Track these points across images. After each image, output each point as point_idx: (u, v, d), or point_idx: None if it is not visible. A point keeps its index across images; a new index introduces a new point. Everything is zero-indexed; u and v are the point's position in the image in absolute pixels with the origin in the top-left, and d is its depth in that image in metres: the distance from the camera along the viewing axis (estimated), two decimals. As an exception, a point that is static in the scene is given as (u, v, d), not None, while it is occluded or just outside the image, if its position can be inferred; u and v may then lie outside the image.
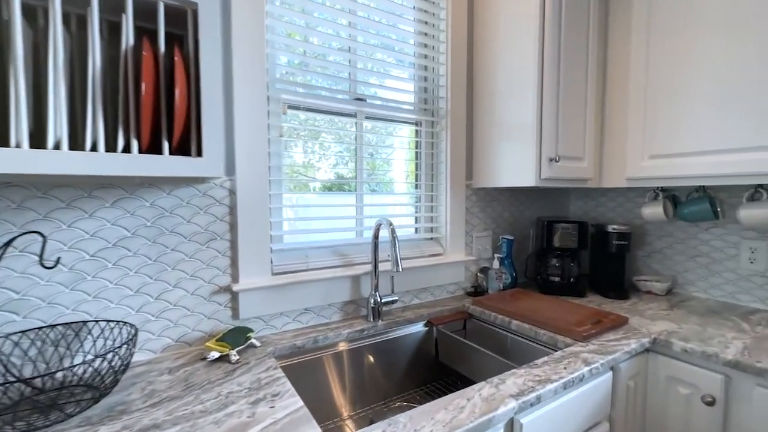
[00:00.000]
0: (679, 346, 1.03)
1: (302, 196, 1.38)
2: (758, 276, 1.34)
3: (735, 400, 0.96)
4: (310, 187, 1.33)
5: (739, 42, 1.12)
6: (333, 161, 1.41)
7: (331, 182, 1.38)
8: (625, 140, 1.41)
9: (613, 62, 1.45)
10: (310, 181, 1.33)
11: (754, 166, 1.11)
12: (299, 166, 1.33)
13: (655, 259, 1.62)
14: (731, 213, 1.38)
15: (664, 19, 1.29)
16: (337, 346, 1.14)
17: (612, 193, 1.77)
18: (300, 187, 1.31)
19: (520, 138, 1.34)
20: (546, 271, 1.58)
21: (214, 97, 0.74)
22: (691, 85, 1.23)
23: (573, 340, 1.06)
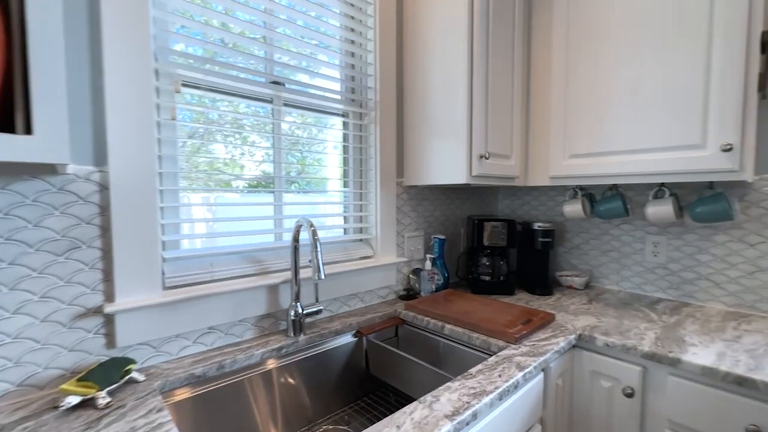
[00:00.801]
0: (602, 341, 1.05)
1: (224, 196, 1.17)
2: (660, 268, 1.45)
3: (651, 391, 0.99)
4: (233, 186, 1.14)
5: (645, 50, 1.19)
6: (260, 157, 1.22)
7: (249, 180, 1.20)
8: (548, 140, 1.44)
9: (536, 63, 1.47)
10: (233, 178, 1.14)
11: (658, 166, 1.18)
12: (220, 162, 1.13)
13: (573, 254, 1.70)
14: (638, 210, 1.49)
15: (581, 25, 1.33)
16: (249, 370, 0.97)
17: (535, 191, 1.82)
18: (222, 185, 1.11)
19: (451, 134, 1.29)
20: (477, 270, 1.56)
21: (53, 53, 0.54)
22: (605, 88, 1.28)
23: (506, 342, 1.02)
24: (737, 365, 0.87)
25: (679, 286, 1.41)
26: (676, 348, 0.97)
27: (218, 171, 1.14)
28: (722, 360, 0.90)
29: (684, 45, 1.12)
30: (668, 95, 1.15)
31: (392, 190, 1.43)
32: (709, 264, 1.34)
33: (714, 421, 0.88)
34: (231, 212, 1.19)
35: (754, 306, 1.26)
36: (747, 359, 0.90)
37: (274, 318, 1.11)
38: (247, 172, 1.18)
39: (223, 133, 1.13)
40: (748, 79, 1.02)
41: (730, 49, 1.04)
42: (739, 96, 1.03)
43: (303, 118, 1.31)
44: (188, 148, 1.07)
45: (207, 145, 1.11)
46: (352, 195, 1.40)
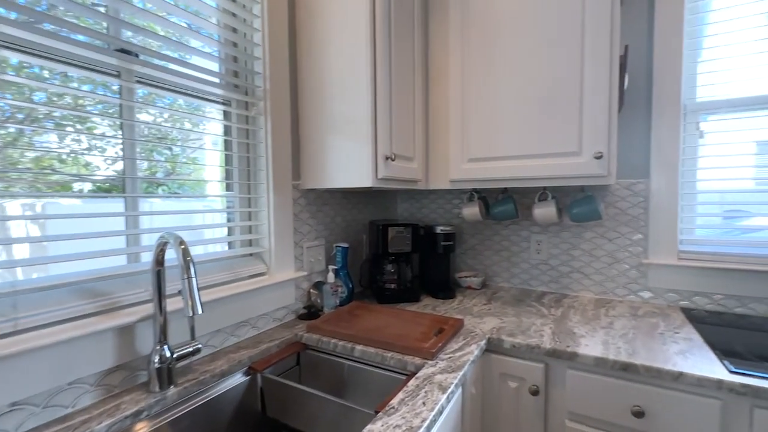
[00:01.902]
0: (509, 342, 1.06)
1: (60, 203, 0.81)
2: (543, 264, 1.59)
3: (553, 386, 1.04)
4: (76, 190, 0.79)
5: (531, 62, 1.27)
6: (116, 152, 0.89)
7: (99, 181, 0.86)
8: (448, 143, 1.44)
9: (434, 64, 1.46)
10: (73, 180, 0.79)
11: (543, 171, 1.27)
12: (52, 158, 0.78)
13: (470, 255, 1.76)
14: (525, 212, 1.61)
15: (475, 31, 1.36)
16: (85, 456, 0.67)
17: (434, 194, 1.84)
18: (57, 188, 0.75)
19: (354, 133, 1.17)
20: (382, 278, 1.47)
21: None
22: (497, 95, 1.33)
23: (423, 359, 0.94)
24: (620, 352, 0.96)
25: (557, 279, 1.56)
26: (571, 342, 1.03)
27: (76, 175, 0.79)
28: (608, 349, 0.98)
29: (561, 62, 1.22)
30: (550, 107, 1.24)
31: (288, 195, 1.23)
32: (579, 258, 1.52)
33: (605, 406, 0.96)
34: (79, 227, 0.85)
35: (613, 292, 1.46)
36: (625, 345, 1.01)
37: (128, 370, 0.82)
38: (98, 171, 0.85)
39: (57, 118, 0.78)
40: (612, 95, 1.16)
41: (597, 70, 1.17)
42: (606, 110, 1.16)
43: (171, 104, 1.02)
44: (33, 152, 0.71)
45: (36, 134, 0.75)
46: (238, 200, 1.16)
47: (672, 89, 1.34)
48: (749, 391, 0.80)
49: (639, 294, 1.42)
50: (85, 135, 0.87)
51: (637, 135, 1.41)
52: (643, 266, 1.41)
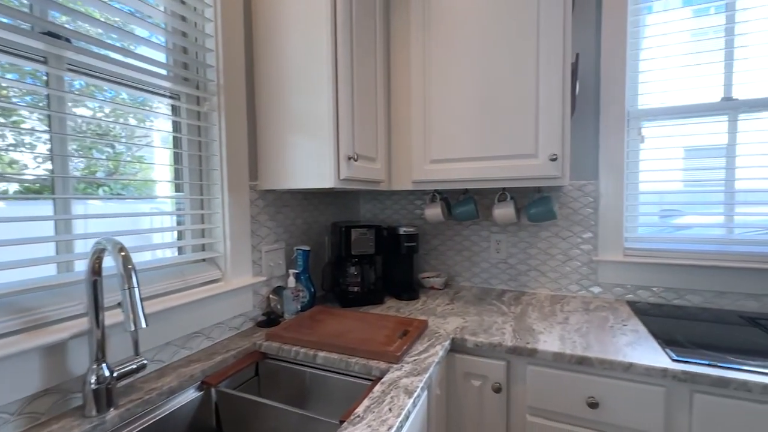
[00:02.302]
0: (472, 341, 1.07)
1: None
2: (502, 263, 1.64)
3: (514, 382, 1.06)
4: None
5: (489, 64, 1.30)
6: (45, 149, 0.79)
7: (28, 181, 0.75)
8: (410, 144, 1.44)
9: (396, 65, 1.46)
10: None
11: (502, 172, 1.30)
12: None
13: (432, 255, 1.77)
14: (485, 212, 1.64)
15: (436, 33, 1.37)
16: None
17: (396, 195, 1.83)
18: None
19: (315, 132, 1.13)
20: (345, 281, 1.44)
21: None
22: (458, 96, 1.35)
23: (388, 363, 0.92)
24: (576, 346, 1.00)
25: (516, 277, 1.61)
26: (531, 338, 1.06)
27: None
28: (565, 343, 1.02)
29: (519, 68, 1.25)
30: (509, 110, 1.28)
31: (244, 196, 1.17)
32: (536, 256, 1.58)
33: (562, 399, 0.99)
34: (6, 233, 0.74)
35: (567, 288, 1.53)
36: (580, 339, 1.05)
37: (59, 394, 0.72)
38: (26, 170, 0.75)
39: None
40: (565, 100, 1.21)
41: (552, 76, 1.21)
42: (559, 114, 1.21)
43: (114, 98, 0.93)
44: None
45: None
46: (189, 202, 1.08)
47: (617, 96, 1.43)
48: (689, 378, 0.87)
49: (590, 289, 1.50)
50: (9, 130, 0.76)
51: (588, 138, 1.49)
52: (593, 263, 1.49)
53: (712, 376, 0.85)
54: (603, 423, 0.95)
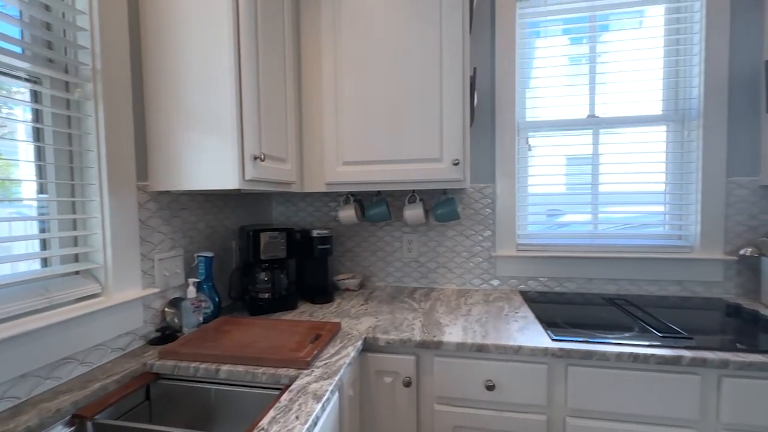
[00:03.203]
0: (384, 339, 1.10)
1: None
2: (414, 261, 1.71)
3: (423, 375, 1.11)
4: None
5: (398, 73, 1.35)
6: None
7: None
8: (323, 145, 1.43)
9: (306, 66, 1.43)
10: None
11: (411, 175, 1.36)
12: None
13: (347, 257, 1.78)
14: (397, 213, 1.70)
15: (348, 37, 1.38)
16: None
17: (310, 197, 1.80)
18: None
19: (217, 129, 1.04)
20: (255, 288, 1.37)
21: None
22: (370, 101, 1.37)
23: (297, 370, 0.89)
24: (476, 335, 1.09)
25: (426, 274, 1.70)
26: (437, 332, 1.13)
27: None
28: (467, 334, 1.11)
29: (425, 79, 1.33)
30: (417, 117, 1.34)
31: (131, 198, 1.03)
32: (444, 254, 1.68)
33: (464, 385, 1.07)
34: None
35: (471, 282, 1.67)
36: (480, 328, 1.15)
37: None
38: None
39: None
40: (465, 110, 1.32)
41: (453, 88, 1.31)
42: (460, 122, 1.31)
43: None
44: None
45: None
46: (56, 205, 0.92)
47: (508, 109, 1.60)
48: (564, 353, 1.00)
49: (490, 282, 1.65)
50: None
51: (486, 145, 1.64)
52: (492, 258, 1.64)
53: (581, 351, 1.00)
54: (499, 402, 1.05)
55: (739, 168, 1.46)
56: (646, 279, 1.53)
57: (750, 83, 1.44)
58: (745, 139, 1.45)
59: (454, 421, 1.08)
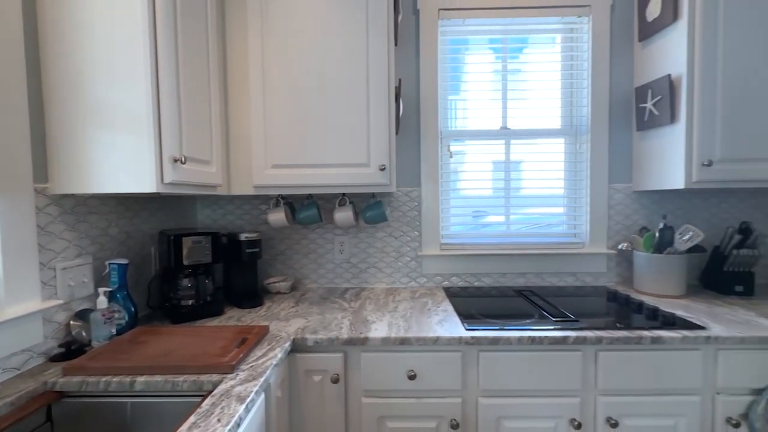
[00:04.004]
0: (312, 339, 1.13)
1: None
2: (345, 263, 1.76)
3: (351, 371, 1.16)
4: None
5: (325, 83, 1.39)
6: None
7: None
8: (251, 148, 1.41)
9: (233, 68, 1.41)
10: None
11: (341, 179, 1.41)
12: None
13: (279, 260, 1.77)
14: (328, 216, 1.73)
15: (275, 37, 1.39)
16: None
17: (238, 200, 1.76)
18: None
19: (131, 129, 0.99)
20: (177, 295, 1.31)
21: None
22: (299, 107, 1.40)
23: (222, 375, 0.89)
24: (399, 330, 1.17)
25: (357, 275, 1.76)
26: (364, 329, 1.19)
27: None
28: (391, 329, 1.18)
29: (353, 87, 1.39)
30: (346, 124, 1.39)
31: (25, 202, 0.94)
32: (374, 255, 1.76)
33: (389, 377, 1.14)
34: None
35: (399, 281, 1.76)
36: (404, 323, 1.23)
37: None
38: None
39: None
40: (390, 118, 1.40)
41: (379, 97, 1.39)
42: (386, 130, 1.39)
43: None
44: None
45: None
46: (-73, 211, 0.81)
47: (432, 118, 1.72)
48: (475, 341, 1.13)
49: (417, 280, 1.76)
50: None
51: (413, 151, 1.75)
52: (419, 257, 1.75)
53: (489, 337, 1.12)
54: (420, 390, 1.14)
55: (617, 176, 1.74)
56: (548, 272, 1.75)
57: (625, 105, 1.72)
58: (621, 152, 1.73)
59: (379, 412, 1.15)
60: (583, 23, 1.73)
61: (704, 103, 1.37)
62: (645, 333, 1.12)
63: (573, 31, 1.76)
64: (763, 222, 1.71)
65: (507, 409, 1.14)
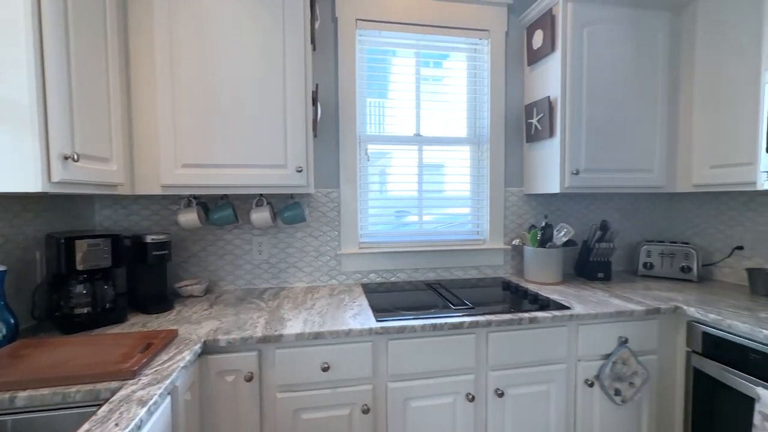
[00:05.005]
0: (225, 340, 1.14)
1: None
2: (265, 263, 1.76)
3: (266, 368, 1.19)
4: None
5: (240, 84, 1.39)
6: None
7: None
8: (158, 146, 1.35)
9: (137, 64, 1.33)
10: None
11: (258, 180, 1.42)
12: None
13: (192, 263, 1.70)
14: (245, 216, 1.72)
15: (184, 28, 1.34)
16: None
17: (145, 200, 1.65)
18: None
19: (9, 122, 0.90)
20: (69, 303, 1.21)
21: None
22: (212, 103, 1.37)
23: (122, 381, 0.86)
24: (314, 325, 1.23)
25: (277, 275, 1.77)
26: (279, 326, 1.22)
27: None
28: (306, 325, 1.24)
29: (269, 90, 1.40)
30: (262, 125, 1.40)
31: None
32: (294, 255, 1.78)
33: (303, 371, 1.19)
34: None
35: (319, 279, 1.81)
36: (319, 319, 1.29)
37: None
38: None
39: None
40: (307, 121, 1.45)
41: (296, 101, 1.42)
42: (303, 133, 1.44)
43: None
44: None
45: None
46: None
47: (350, 123, 1.80)
48: (384, 331, 1.23)
49: (336, 278, 1.83)
50: None
51: (332, 154, 1.81)
52: (338, 256, 1.82)
53: (396, 327, 1.24)
54: (333, 381, 1.21)
55: (512, 181, 1.99)
56: (456, 266, 1.94)
57: (518, 120, 1.98)
58: (515, 160, 1.99)
59: (294, 405, 1.19)
60: (484, 45, 1.95)
61: (573, 122, 1.66)
62: (524, 315, 1.33)
63: (477, 51, 1.97)
64: (619, 220, 2.10)
65: (413, 391, 1.27)
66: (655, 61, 1.72)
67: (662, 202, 2.14)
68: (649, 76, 1.72)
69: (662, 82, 1.73)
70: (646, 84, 1.72)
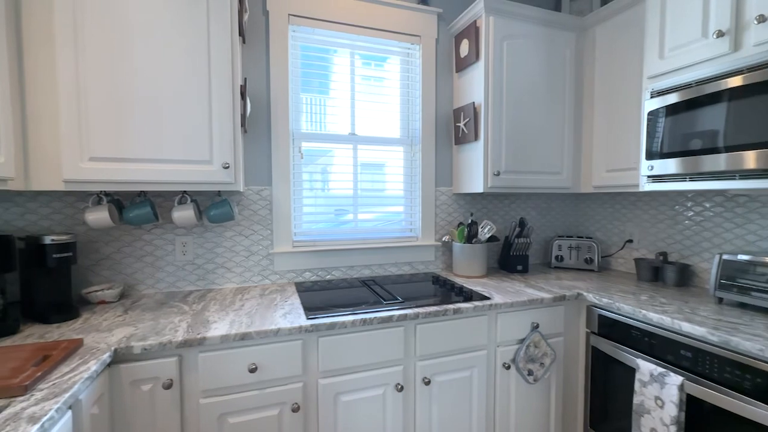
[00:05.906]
0: (139, 347, 1.06)
1: None
2: (189, 264, 1.66)
3: (187, 373, 1.13)
4: None
5: (159, 72, 1.30)
6: None
7: None
8: (58, 135, 1.22)
9: (32, 47, 1.18)
10: None
11: (180, 176, 1.34)
12: None
13: (104, 266, 1.55)
14: (167, 215, 1.61)
15: (90, 16, 1.23)
16: None
17: (45, 197, 1.47)
18: None
19: None
20: (-58, 316, 1.04)
21: None
22: (125, 93, 1.26)
23: (9, 398, 0.77)
24: (241, 326, 1.20)
25: (204, 276, 1.68)
26: (203, 329, 1.17)
27: None
28: (233, 326, 1.20)
29: (193, 83, 1.33)
30: (186, 119, 1.33)
31: None
32: (222, 255, 1.71)
33: (229, 374, 1.16)
34: None
35: (251, 280, 1.76)
36: (247, 320, 1.26)
37: None
38: None
39: None
40: (235, 117, 1.40)
41: (221, 95, 1.37)
42: (230, 128, 1.38)
43: None
44: None
45: None
46: None
47: (283, 120, 1.77)
48: (314, 328, 1.23)
49: (269, 278, 1.79)
50: None
51: (263, 151, 1.76)
52: (271, 255, 1.78)
53: (326, 323, 1.25)
54: (261, 381, 1.19)
55: (442, 180, 2.10)
56: (390, 263, 2.00)
57: (447, 122, 2.09)
58: (445, 161, 2.10)
59: (220, 410, 1.15)
60: (416, 50, 2.03)
61: (494, 127, 1.80)
62: (449, 306, 1.42)
63: (409, 55, 2.04)
64: (536, 218, 2.32)
65: (344, 385, 1.29)
66: (564, 75, 1.93)
67: (571, 201, 2.40)
68: (558, 88, 1.92)
69: (569, 94, 1.94)
70: (556, 95, 1.92)
